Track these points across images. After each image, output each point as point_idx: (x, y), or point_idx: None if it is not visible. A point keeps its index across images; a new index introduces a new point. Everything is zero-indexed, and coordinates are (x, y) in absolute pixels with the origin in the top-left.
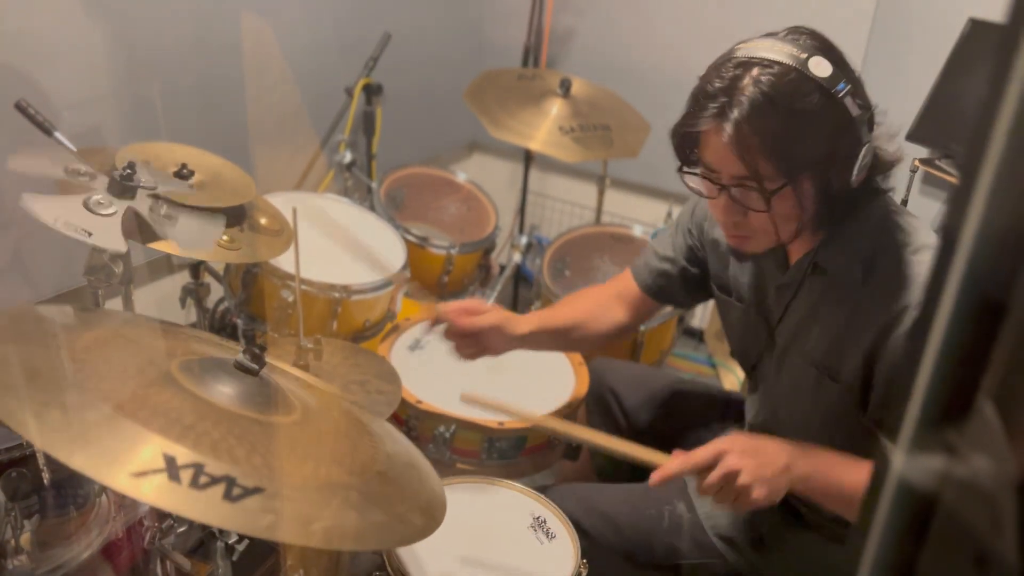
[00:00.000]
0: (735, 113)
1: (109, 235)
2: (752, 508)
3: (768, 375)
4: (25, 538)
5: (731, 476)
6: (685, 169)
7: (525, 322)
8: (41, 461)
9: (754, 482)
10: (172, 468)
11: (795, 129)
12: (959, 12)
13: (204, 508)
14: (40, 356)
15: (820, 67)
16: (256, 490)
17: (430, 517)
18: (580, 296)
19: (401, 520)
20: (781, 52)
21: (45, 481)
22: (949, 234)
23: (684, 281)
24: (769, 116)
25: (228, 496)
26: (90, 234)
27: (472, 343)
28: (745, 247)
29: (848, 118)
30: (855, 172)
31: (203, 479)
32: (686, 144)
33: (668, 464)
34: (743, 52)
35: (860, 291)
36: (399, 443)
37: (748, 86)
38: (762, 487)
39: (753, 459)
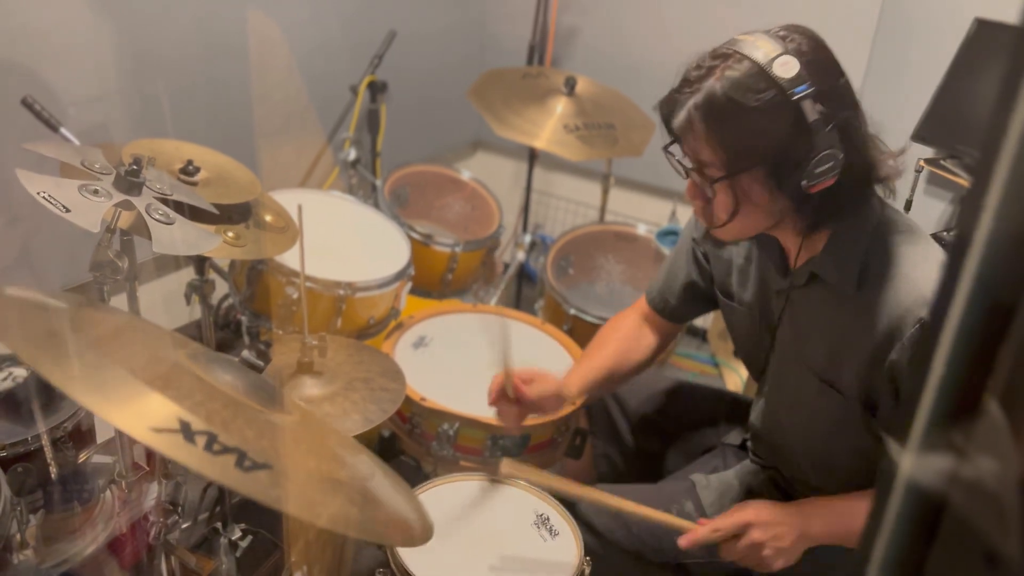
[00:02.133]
0: (691, 102)
1: (87, 216)
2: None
3: (773, 380)
4: (30, 532)
5: (756, 548)
6: (667, 148)
7: (574, 385)
8: (48, 455)
9: (776, 555)
10: (187, 431)
11: (740, 125)
12: (965, 12)
13: (218, 470)
14: (58, 321)
15: (785, 68)
16: (265, 466)
17: (421, 532)
18: (611, 331)
19: (396, 524)
20: (758, 48)
21: (52, 475)
22: (961, 237)
23: (696, 297)
24: (719, 109)
25: (240, 465)
26: (68, 210)
27: (526, 409)
28: (714, 233)
29: (801, 121)
30: (805, 178)
31: (216, 446)
32: (669, 121)
33: (697, 531)
34: (727, 45)
35: (855, 300)
36: (388, 474)
37: (712, 79)
38: (781, 557)
39: (775, 529)
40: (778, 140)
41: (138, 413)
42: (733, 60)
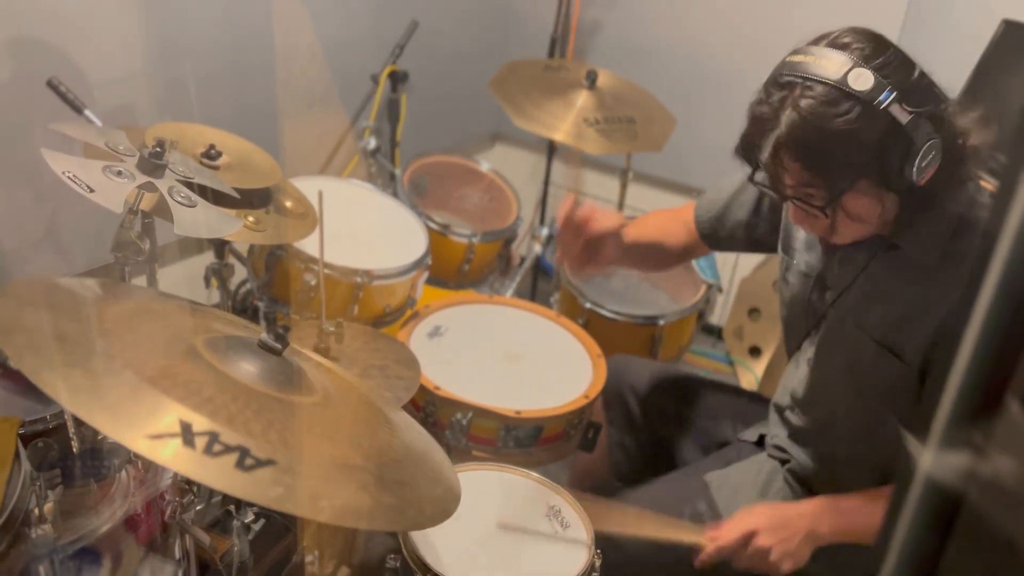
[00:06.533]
0: (773, 139)
1: (110, 197)
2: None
3: (818, 348)
4: (48, 508)
5: (763, 553)
6: (755, 180)
7: (627, 232)
8: (71, 429)
9: (783, 557)
10: (187, 434)
11: (834, 148)
12: (992, 13)
13: (215, 474)
14: (67, 322)
15: (860, 80)
16: (269, 462)
17: (443, 507)
18: (657, 216)
19: (413, 506)
20: (824, 67)
21: (75, 450)
22: (987, 237)
23: (748, 238)
24: (807, 138)
25: (240, 465)
26: (92, 190)
27: (589, 248)
28: (830, 240)
29: (894, 126)
30: (915, 174)
31: (216, 447)
32: (750, 158)
33: (706, 552)
34: (788, 69)
35: (935, 273)
36: (417, 433)
37: (788, 110)
38: (789, 559)
39: (780, 533)
40: (877, 150)
41: (136, 421)
42: (802, 88)
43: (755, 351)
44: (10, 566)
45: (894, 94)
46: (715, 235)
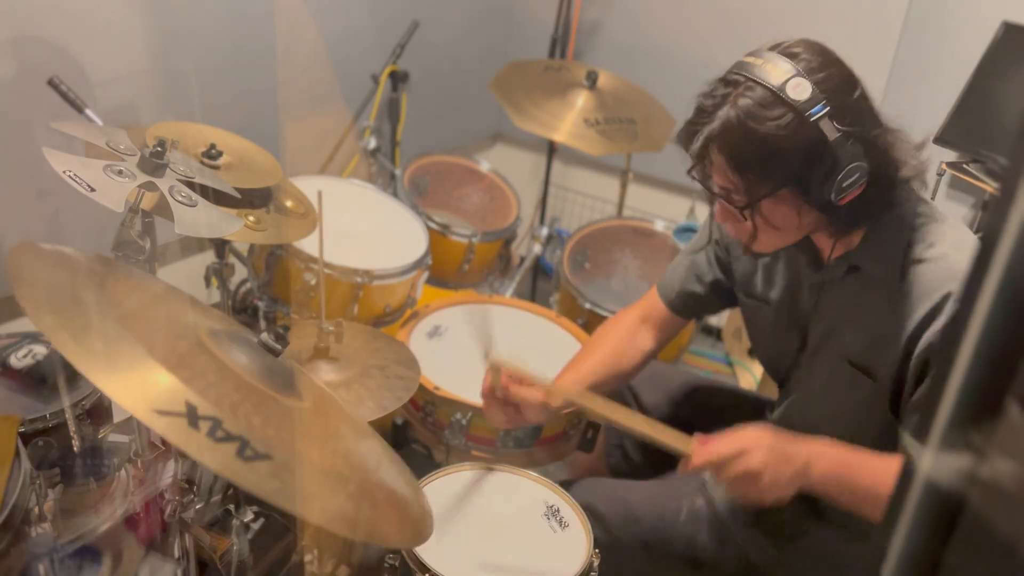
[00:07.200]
0: (706, 132)
1: (111, 196)
2: (759, 503)
3: (799, 376)
4: (48, 506)
5: (752, 477)
6: (691, 172)
7: (561, 395)
8: (72, 428)
9: (771, 485)
10: (192, 416)
11: (759, 151)
12: (992, 15)
13: (218, 459)
14: (82, 289)
15: (797, 90)
16: (267, 456)
17: (418, 532)
18: (605, 336)
19: (393, 524)
20: (770, 71)
21: (75, 449)
22: (987, 239)
23: (715, 294)
24: (737, 137)
25: (240, 455)
26: (93, 189)
27: (511, 411)
28: (750, 248)
29: (822, 140)
30: (834, 193)
31: (219, 433)
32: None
33: (693, 460)
34: (737, 69)
35: (896, 290)
36: (396, 463)
37: (727, 107)
38: (776, 489)
39: (775, 458)
40: (801, 161)
41: (146, 394)
42: (744, 87)
43: (754, 352)
44: (10, 564)
45: (827, 109)
46: (689, 306)
